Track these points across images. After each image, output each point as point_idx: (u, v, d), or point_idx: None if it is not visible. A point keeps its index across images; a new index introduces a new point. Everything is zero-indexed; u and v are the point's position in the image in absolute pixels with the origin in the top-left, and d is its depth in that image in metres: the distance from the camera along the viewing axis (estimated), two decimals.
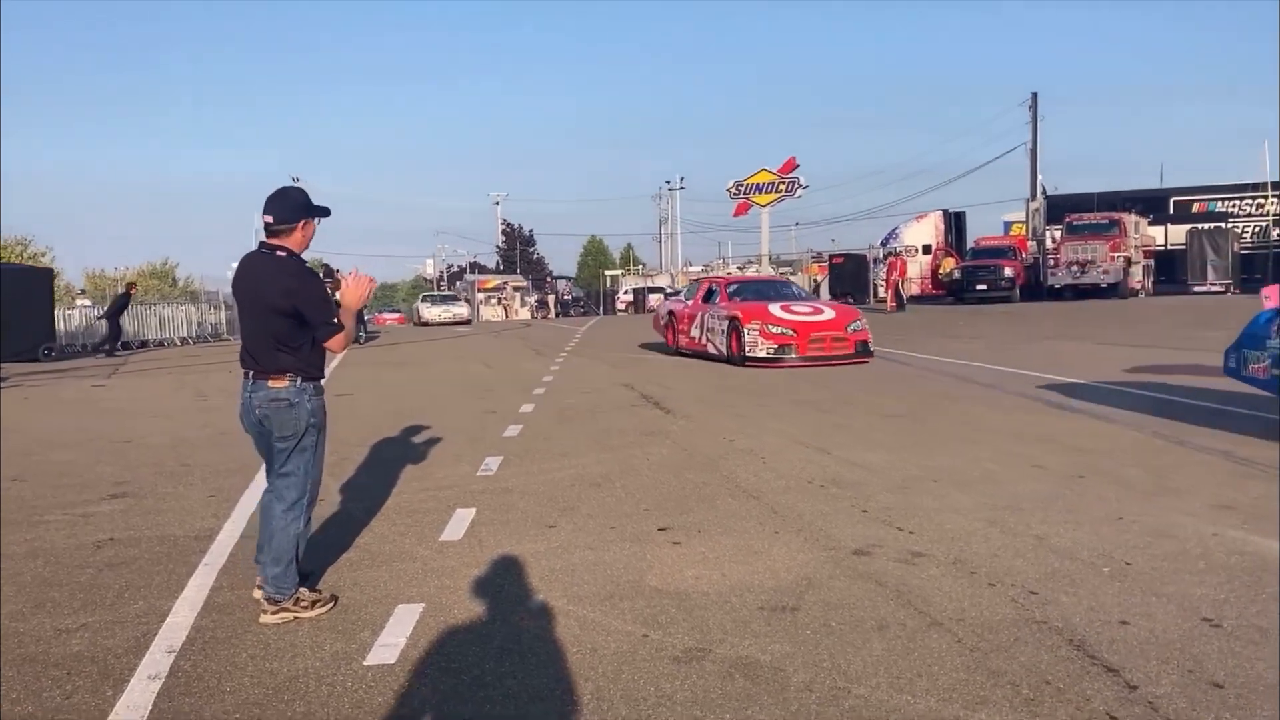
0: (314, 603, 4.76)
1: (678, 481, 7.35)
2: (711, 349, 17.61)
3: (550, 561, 5.42)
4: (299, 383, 4.72)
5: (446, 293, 58.04)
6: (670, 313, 20.33)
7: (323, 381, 4.91)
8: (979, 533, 5.73)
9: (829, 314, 17.08)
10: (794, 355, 16.06)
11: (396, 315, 62.85)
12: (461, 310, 50.88)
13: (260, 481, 7.64)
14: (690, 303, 19.45)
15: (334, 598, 4.90)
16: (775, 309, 16.72)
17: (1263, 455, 7.56)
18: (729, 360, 16.72)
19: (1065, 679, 3.73)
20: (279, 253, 4.73)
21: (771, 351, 16.10)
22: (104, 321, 28.21)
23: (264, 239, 4.81)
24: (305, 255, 4.86)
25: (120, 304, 27.90)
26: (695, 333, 18.45)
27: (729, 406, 11.53)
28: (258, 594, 4.81)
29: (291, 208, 4.74)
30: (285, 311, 4.62)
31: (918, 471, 7.44)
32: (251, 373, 4.74)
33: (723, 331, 17.12)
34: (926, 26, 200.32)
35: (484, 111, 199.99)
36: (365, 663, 4.13)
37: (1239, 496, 6.37)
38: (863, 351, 16.48)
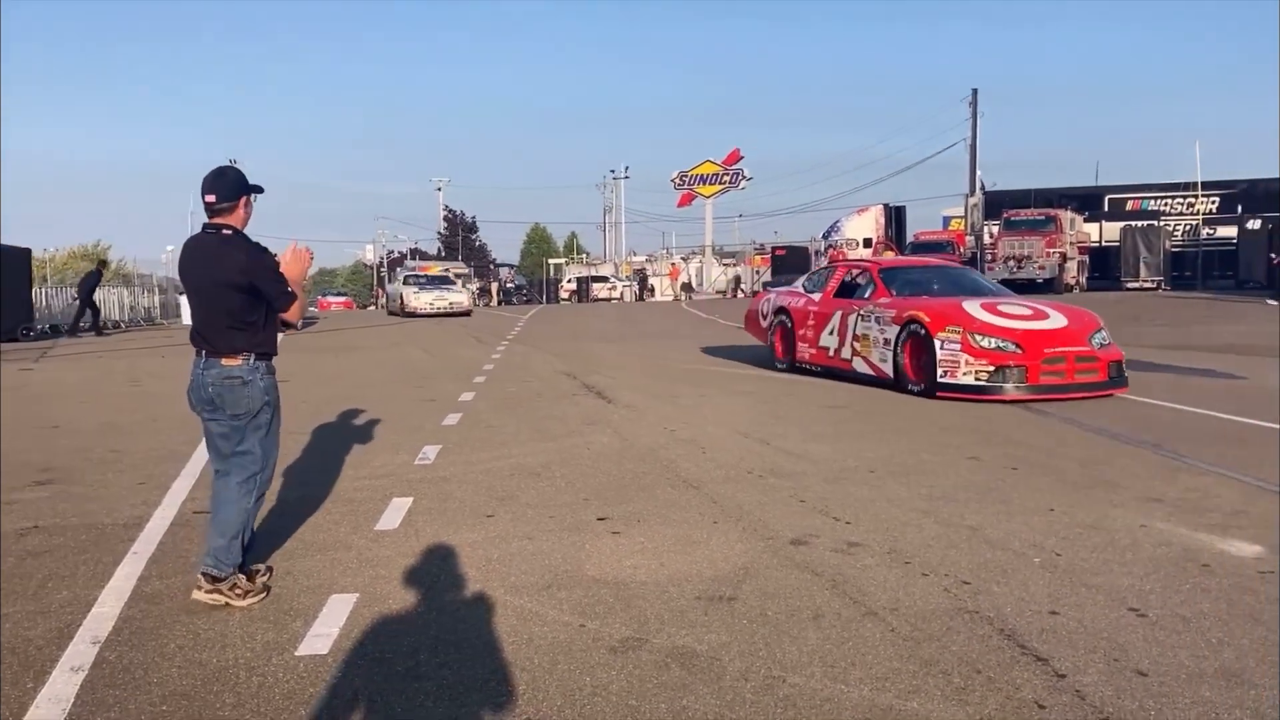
0: (247, 593, 4.70)
1: (618, 471, 7.34)
2: (864, 367, 12.32)
3: (487, 551, 5.38)
4: (252, 361, 4.73)
5: (438, 274, 42.54)
6: (783, 310, 14.48)
7: (274, 360, 4.88)
8: (914, 523, 5.79)
9: (1059, 319, 11.41)
10: (1019, 384, 10.59)
11: (343, 299, 61.30)
12: (459, 298, 36.29)
13: (192, 469, 7.54)
14: (819, 296, 13.84)
15: (267, 588, 4.84)
16: (976, 309, 11.31)
17: (1188, 447, 7.74)
18: (899, 386, 11.52)
19: (996, 668, 3.78)
20: (224, 231, 4.72)
21: (984, 378, 10.65)
22: (77, 302, 27.75)
23: (206, 220, 4.75)
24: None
25: (92, 283, 27.32)
26: (830, 341, 13.11)
27: (671, 396, 11.55)
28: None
29: (232, 186, 4.73)
30: (242, 288, 4.63)
31: (855, 462, 7.51)
32: (204, 352, 4.71)
33: (889, 342, 11.75)
34: (869, 22, 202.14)
35: (426, 96, 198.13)
36: (297, 653, 4.07)
37: (1168, 489, 6.51)
38: (1117, 379, 11.04)
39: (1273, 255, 30.83)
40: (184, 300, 30.09)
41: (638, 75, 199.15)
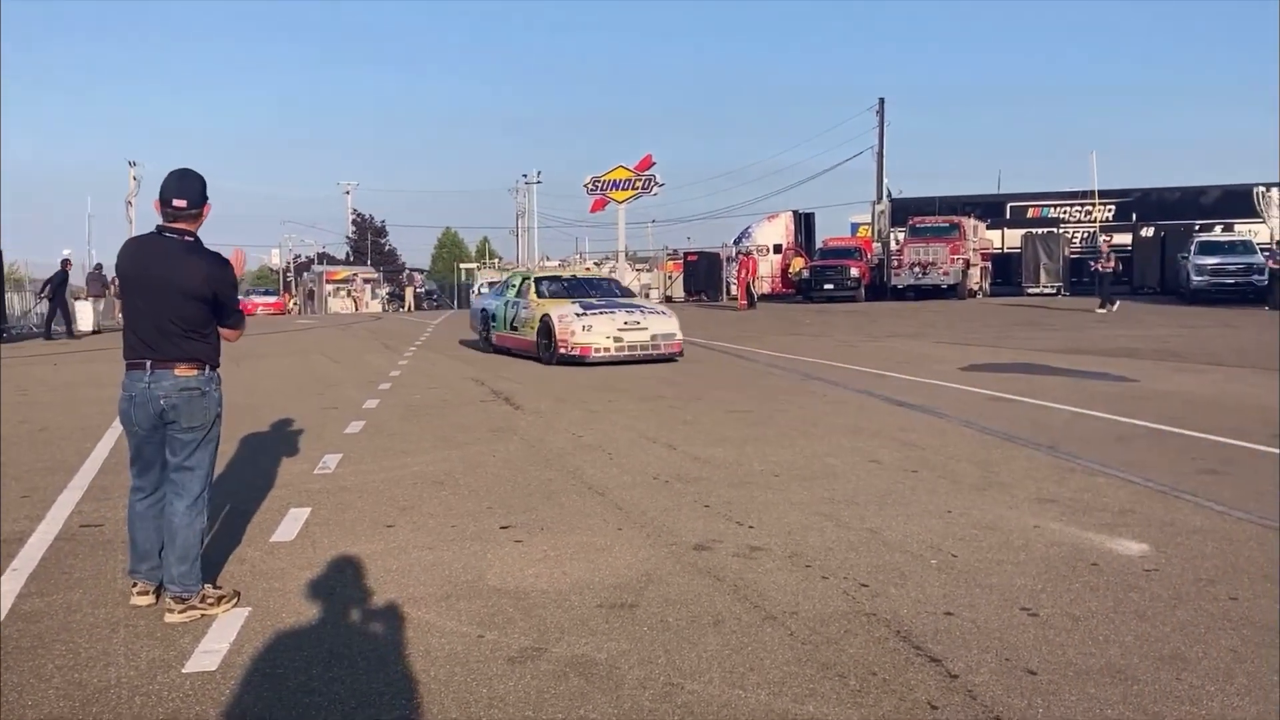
0: (219, 599, 4.62)
1: (523, 478, 7.28)
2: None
3: (386, 562, 5.29)
4: (207, 371, 4.65)
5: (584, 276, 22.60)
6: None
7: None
8: (815, 526, 5.84)
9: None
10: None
11: (273, 301, 53.88)
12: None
13: (80, 482, 7.27)
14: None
15: (236, 593, 4.76)
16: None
17: (1081, 449, 7.95)
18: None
19: (891, 670, 3.83)
20: (186, 238, 4.59)
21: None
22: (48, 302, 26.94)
23: (165, 223, 4.59)
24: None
25: (60, 279, 26.34)
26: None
27: (580, 401, 11.50)
28: (141, 600, 4.67)
29: (200, 191, 4.64)
30: (204, 298, 4.54)
31: (760, 466, 7.56)
32: (150, 362, 4.55)
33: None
34: (779, 31, 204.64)
35: (333, 99, 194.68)
36: (184, 670, 3.95)
37: (1060, 490, 6.68)
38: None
39: (1091, 262, 31.94)
40: (85, 303, 29.14)
41: (549, 81, 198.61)
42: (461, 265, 72.28)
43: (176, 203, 4.53)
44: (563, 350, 15.90)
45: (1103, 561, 5.12)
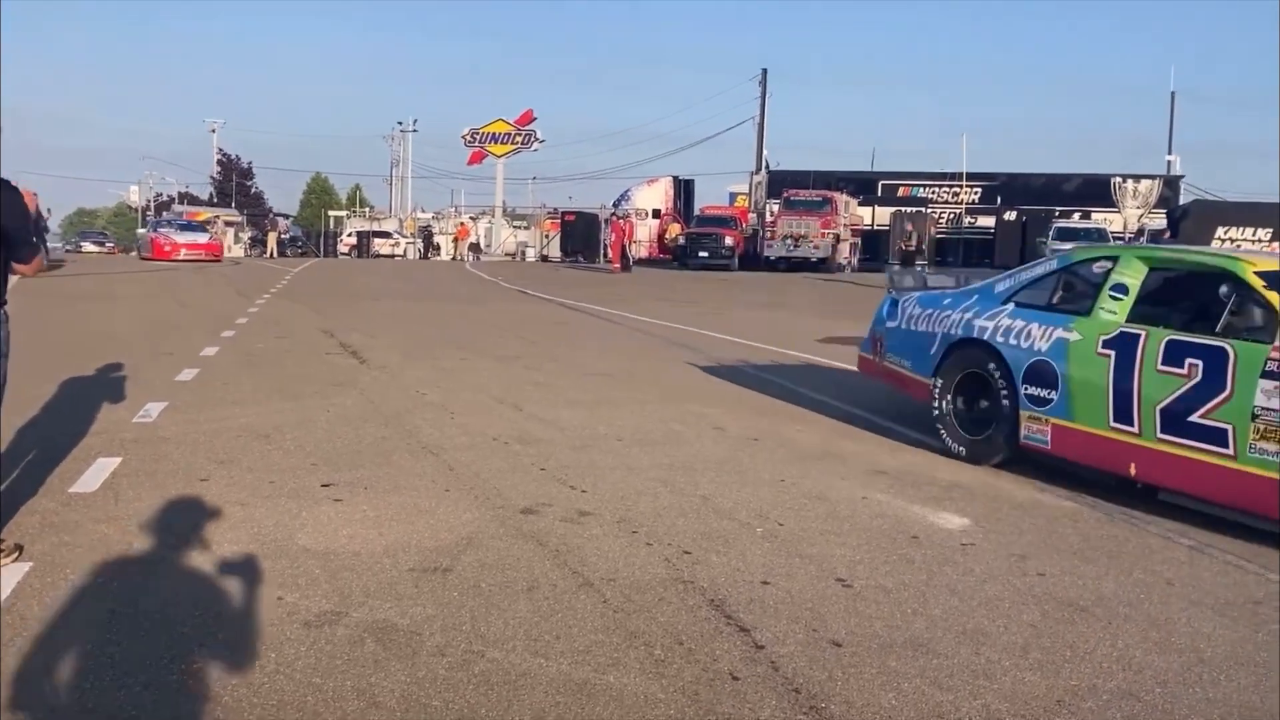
0: None
1: (355, 435, 7.02)
2: None
3: (191, 517, 5.00)
4: None
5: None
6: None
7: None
8: (649, 492, 5.78)
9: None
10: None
11: (203, 242, 38.95)
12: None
13: None
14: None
15: (19, 546, 4.43)
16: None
17: (919, 426, 8.09)
18: None
19: (698, 639, 3.78)
20: None
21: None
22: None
23: None
24: None
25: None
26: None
27: (431, 358, 11.22)
28: None
29: None
30: None
31: (605, 430, 7.46)
32: None
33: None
34: None
35: (204, 33, 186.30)
36: None
37: (891, 462, 6.76)
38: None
39: (900, 242, 33.02)
40: None
41: (430, 29, 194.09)
42: (330, 213, 70.20)
43: None
44: None
45: (923, 535, 5.18)
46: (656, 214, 48.68)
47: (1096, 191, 43.03)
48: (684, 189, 51.52)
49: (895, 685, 3.46)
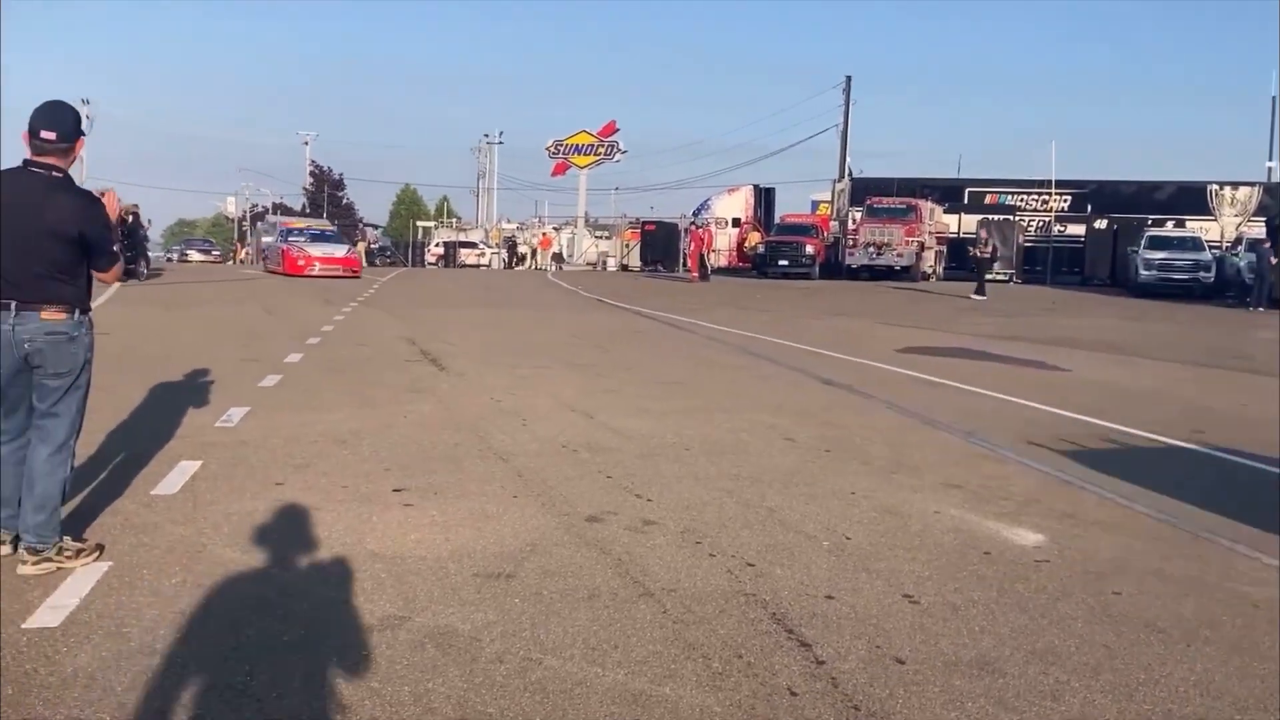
0: (78, 552, 4.43)
1: (429, 441, 7.11)
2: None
3: (265, 521, 5.11)
4: (76, 315, 4.42)
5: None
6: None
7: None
8: (715, 502, 5.74)
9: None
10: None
11: (340, 255, 31.92)
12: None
13: None
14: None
15: (100, 546, 4.57)
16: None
17: (998, 436, 7.92)
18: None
19: (758, 653, 3.73)
20: (54, 173, 4.33)
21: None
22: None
23: (32, 157, 4.32)
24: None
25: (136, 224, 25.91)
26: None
27: (508, 366, 11.33)
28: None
29: (73, 125, 4.38)
30: (70, 237, 4.30)
31: (674, 438, 7.44)
32: (15, 304, 4.29)
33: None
34: (751, 3, 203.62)
35: (297, 48, 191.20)
36: (24, 625, 3.78)
37: (969, 477, 6.62)
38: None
39: (971, 249, 32.15)
40: None
41: (516, 41, 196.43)
42: (419, 223, 71.40)
43: (45, 135, 4.28)
44: None
45: (996, 551, 5.06)
46: (737, 223, 48.51)
47: (1191, 199, 41.66)
48: (765, 197, 51.24)
49: (958, 704, 3.38)
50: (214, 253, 57.86)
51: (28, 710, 3.15)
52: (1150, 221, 37.55)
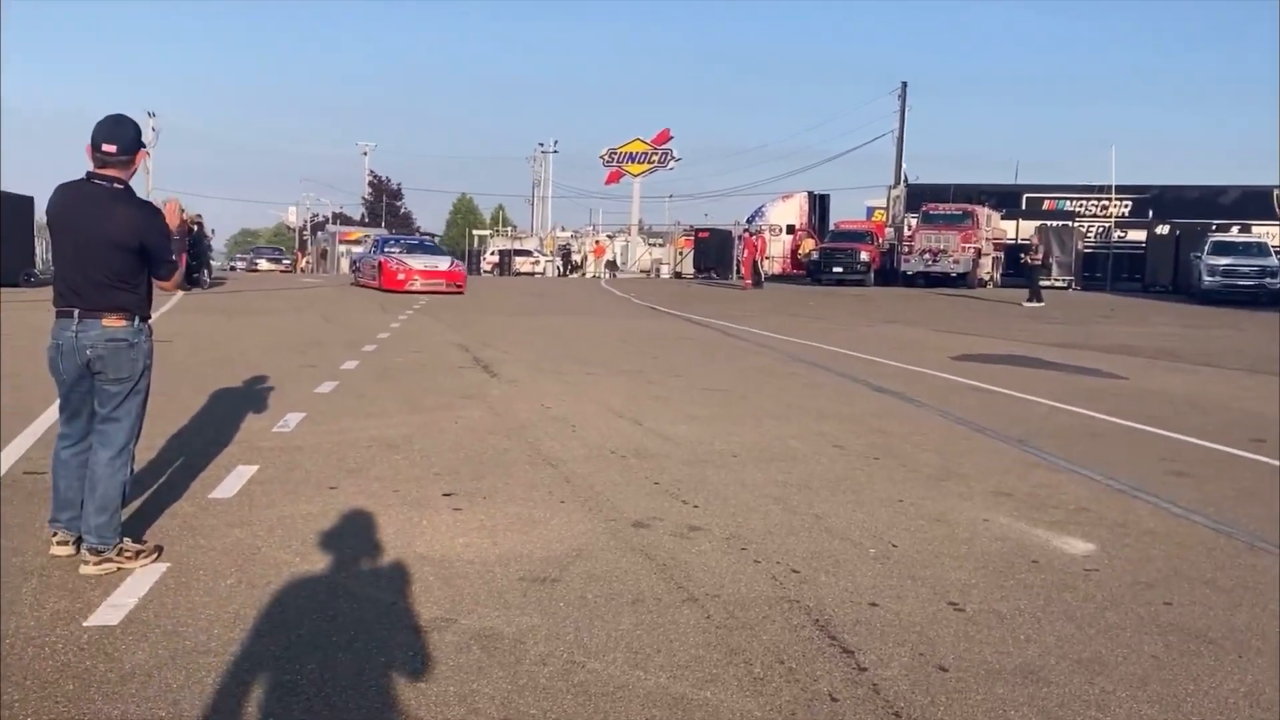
0: (138, 553, 4.57)
1: (480, 446, 7.20)
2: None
3: (318, 524, 5.22)
4: (136, 322, 4.57)
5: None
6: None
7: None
8: (761, 509, 5.75)
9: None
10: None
11: (444, 269, 27.74)
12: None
13: (36, 429, 7.22)
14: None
15: (159, 548, 4.71)
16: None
17: (1051, 444, 7.83)
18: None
19: (800, 659, 3.74)
20: (115, 185, 4.48)
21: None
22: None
23: (94, 169, 4.48)
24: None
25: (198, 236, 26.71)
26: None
27: (558, 372, 11.41)
28: (60, 550, 4.61)
29: (132, 138, 4.52)
30: (130, 247, 4.44)
31: (722, 445, 7.46)
32: (78, 311, 4.47)
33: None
34: (804, 8, 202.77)
35: (357, 59, 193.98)
36: (85, 624, 3.90)
37: (1019, 485, 6.56)
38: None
39: (1023, 255, 31.63)
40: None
41: (570, 50, 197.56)
42: (475, 232, 72.10)
43: (106, 147, 4.42)
44: None
45: (1044, 559, 5.02)
46: (791, 230, 48.34)
47: (1257, 204, 40.72)
48: (819, 204, 51.04)
49: (1001, 713, 3.37)
50: (283, 261, 59.54)
51: (88, 704, 3.26)
52: (1214, 226, 36.80)
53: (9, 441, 6.87)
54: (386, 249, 29.38)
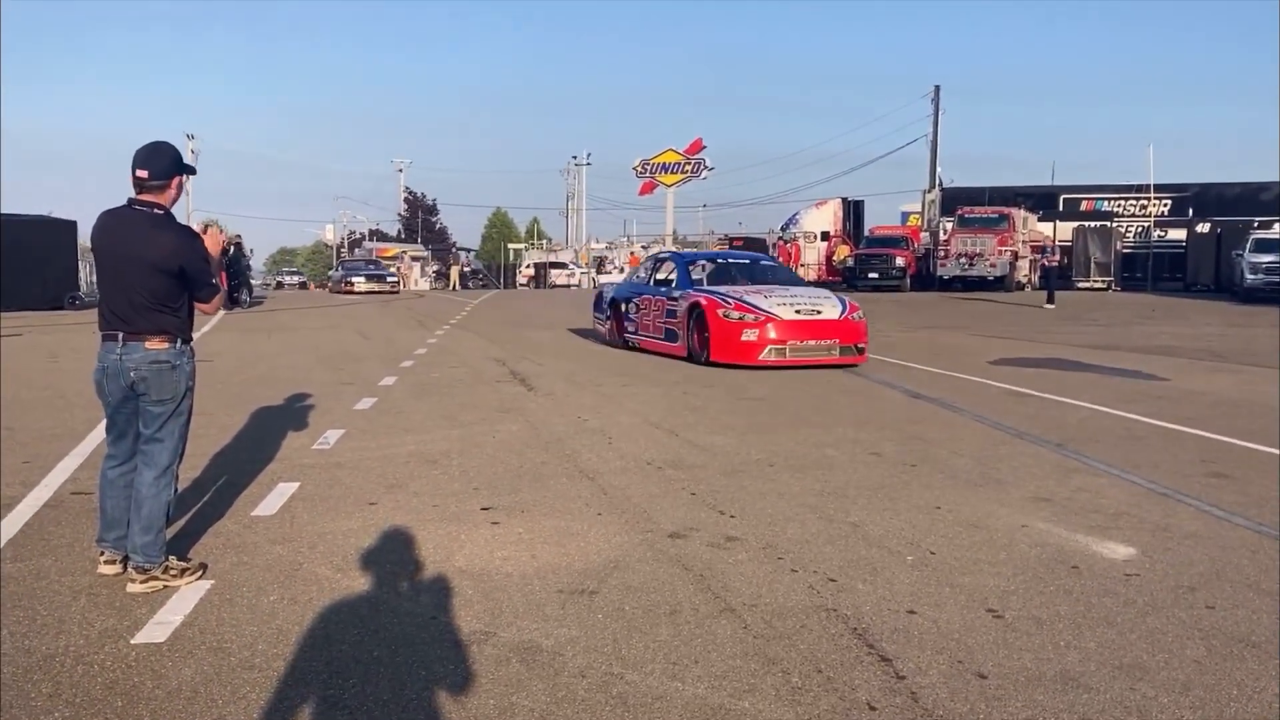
0: (183, 571, 4.66)
1: (517, 460, 7.25)
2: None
3: (359, 540, 5.28)
4: (178, 344, 4.67)
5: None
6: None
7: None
8: (797, 518, 5.75)
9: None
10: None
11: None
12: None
13: (83, 450, 7.37)
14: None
15: (203, 565, 4.81)
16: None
17: (1090, 448, 7.77)
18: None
19: (837, 667, 3.75)
20: (155, 210, 4.60)
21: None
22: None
23: (134, 195, 4.62)
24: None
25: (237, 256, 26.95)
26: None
27: (595, 385, 11.47)
28: (107, 569, 4.71)
29: (167, 163, 4.64)
30: (170, 271, 4.54)
31: (759, 455, 7.47)
32: (122, 334, 4.60)
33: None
34: (834, 14, 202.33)
35: (389, 76, 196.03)
36: (133, 641, 3.97)
37: (1058, 489, 6.51)
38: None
39: (1043, 259, 31.24)
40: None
41: (602, 61, 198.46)
42: (510, 245, 72.55)
43: (139, 173, 4.55)
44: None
45: (1084, 564, 4.98)
46: (825, 236, 48.21)
47: None
48: (853, 210, 50.85)
49: (1041, 719, 3.35)
50: (389, 280, 44.19)
51: None
52: (1256, 224, 36.27)
53: (56, 463, 7.01)
54: (707, 282, 14.96)
